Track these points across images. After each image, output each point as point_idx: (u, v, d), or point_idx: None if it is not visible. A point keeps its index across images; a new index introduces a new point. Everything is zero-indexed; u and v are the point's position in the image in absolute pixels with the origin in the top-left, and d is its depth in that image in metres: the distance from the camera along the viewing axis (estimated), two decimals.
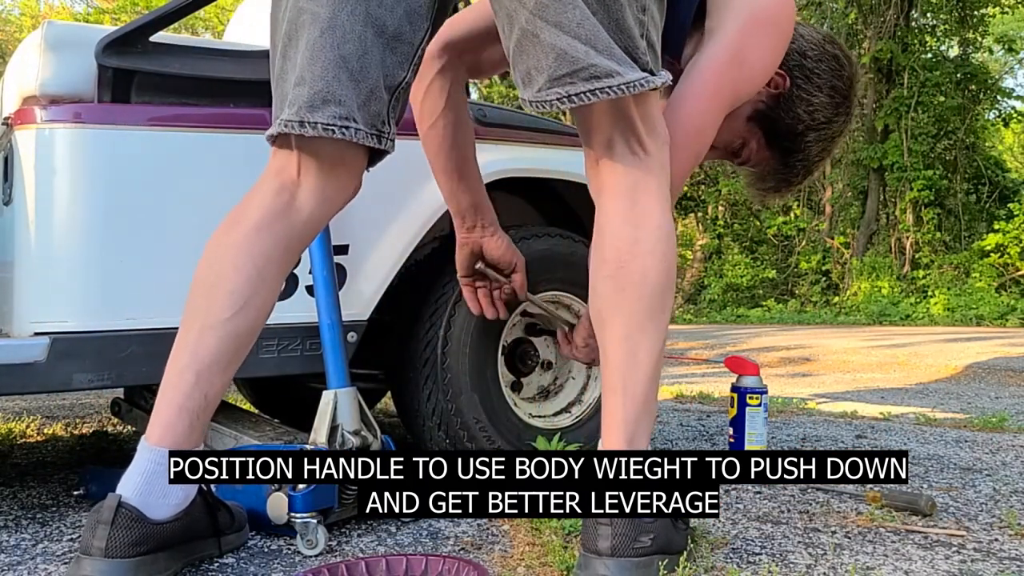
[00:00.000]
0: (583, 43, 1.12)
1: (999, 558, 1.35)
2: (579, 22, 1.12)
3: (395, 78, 1.22)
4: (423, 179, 1.74)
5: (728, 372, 2.07)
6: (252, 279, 1.22)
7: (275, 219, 1.23)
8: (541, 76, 1.15)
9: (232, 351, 1.23)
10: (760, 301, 13.43)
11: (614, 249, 1.21)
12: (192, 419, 1.21)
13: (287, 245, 1.25)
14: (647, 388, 1.21)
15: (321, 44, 1.17)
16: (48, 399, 3.41)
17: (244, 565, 1.29)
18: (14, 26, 16.28)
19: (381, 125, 1.23)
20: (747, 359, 2.06)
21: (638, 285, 1.20)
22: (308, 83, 1.17)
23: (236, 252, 1.22)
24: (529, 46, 1.16)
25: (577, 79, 1.13)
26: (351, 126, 1.19)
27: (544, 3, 1.12)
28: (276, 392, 2.60)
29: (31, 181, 1.46)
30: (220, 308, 1.21)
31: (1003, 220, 12.37)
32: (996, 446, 2.43)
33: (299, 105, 1.18)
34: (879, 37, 12.98)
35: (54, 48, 1.49)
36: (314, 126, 1.17)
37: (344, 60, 1.17)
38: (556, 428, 1.87)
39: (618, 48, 1.15)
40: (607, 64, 1.13)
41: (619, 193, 1.23)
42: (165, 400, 1.21)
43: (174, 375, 1.21)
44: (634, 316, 1.20)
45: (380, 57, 1.19)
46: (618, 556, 1.16)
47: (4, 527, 1.49)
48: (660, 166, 1.25)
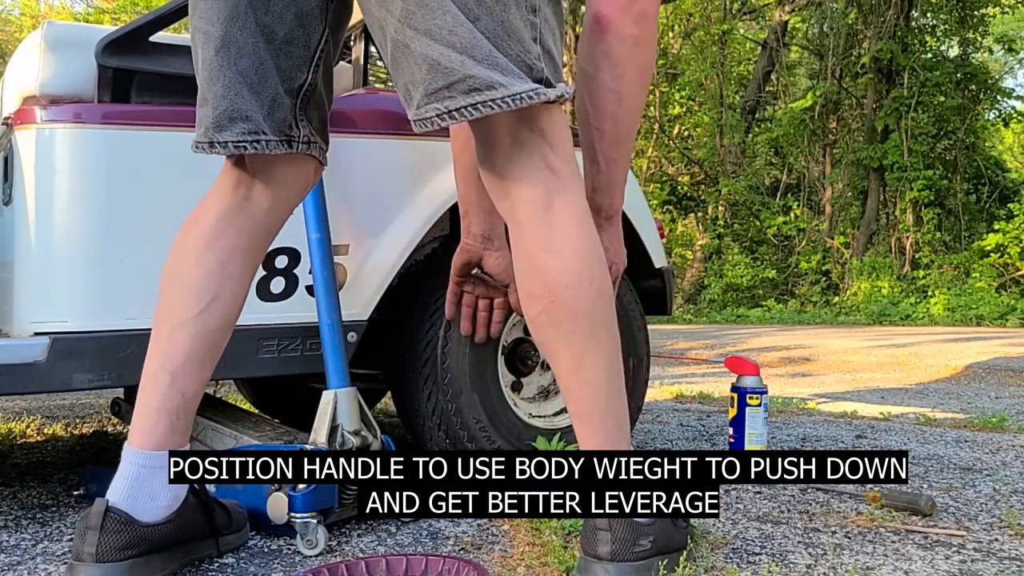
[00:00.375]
0: (458, 52, 1.04)
1: (999, 558, 1.35)
2: (451, 29, 1.03)
3: (294, 81, 1.21)
4: (423, 179, 1.74)
5: (728, 372, 2.07)
6: (216, 274, 1.21)
7: (235, 213, 1.24)
8: (417, 91, 1.08)
9: (205, 348, 1.22)
10: (760, 301, 13.42)
11: (542, 284, 1.15)
12: (172, 420, 1.21)
13: (250, 237, 1.25)
14: (611, 404, 1.20)
15: (218, 63, 1.17)
16: (48, 399, 3.41)
17: (244, 565, 1.29)
18: (14, 26, 16.29)
19: (289, 130, 1.22)
20: (747, 359, 2.06)
21: (575, 315, 1.15)
22: (211, 103, 1.18)
23: (198, 249, 1.22)
24: (402, 58, 1.08)
25: (456, 92, 1.04)
26: (261, 139, 1.19)
27: (410, 9, 1.04)
28: (276, 392, 2.60)
29: (31, 181, 1.46)
30: (186, 306, 1.21)
31: (1003, 220, 12.36)
32: (996, 446, 2.43)
33: (206, 126, 1.19)
34: (879, 37, 12.96)
35: (54, 48, 1.49)
36: (224, 145, 1.19)
37: (243, 75, 1.17)
38: (556, 428, 1.87)
39: (502, 56, 1.05)
40: (487, 75, 1.04)
41: (533, 217, 1.14)
42: (143, 403, 1.21)
43: (149, 377, 1.21)
44: (578, 345, 1.17)
45: (275, 64, 1.18)
46: (618, 560, 1.16)
47: (4, 527, 1.49)
48: (571, 176, 1.16)
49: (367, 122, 1.73)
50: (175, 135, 1.53)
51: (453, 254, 1.67)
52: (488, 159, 1.17)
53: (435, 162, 1.77)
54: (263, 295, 1.60)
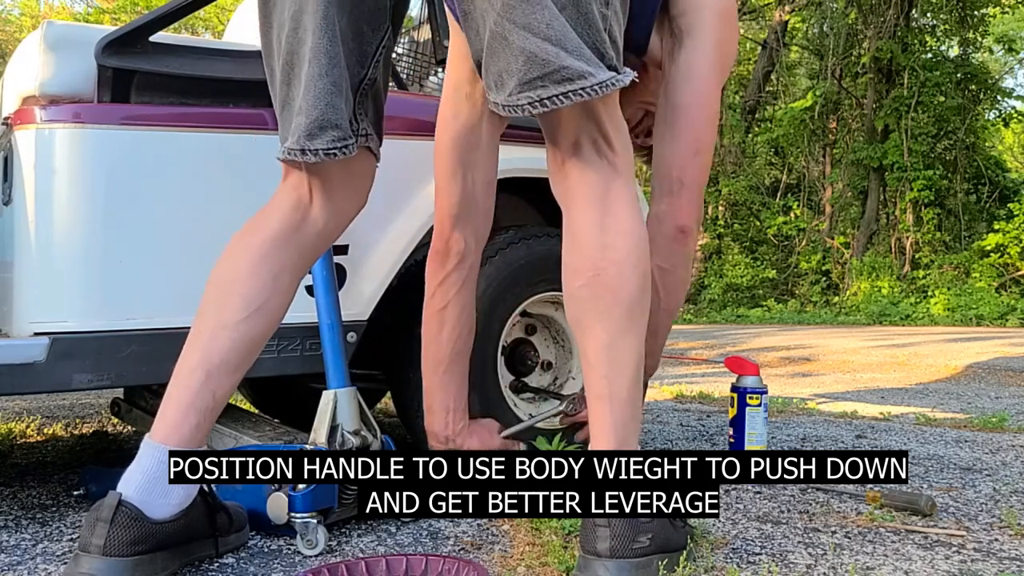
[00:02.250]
0: (553, 44, 1.10)
1: (999, 558, 1.35)
2: (548, 23, 1.10)
3: (357, 77, 1.25)
4: (423, 179, 1.74)
5: (728, 372, 2.07)
6: (267, 285, 1.25)
7: (292, 232, 1.28)
8: (511, 80, 1.14)
9: (243, 353, 1.24)
10: (760, 301, 13.42)
11: (588, 258, 1.21)
12: (199, 419, 1.21)
13: (300, 255, 1.30)
14: (632, 391, 1.22)
15: (310, 73, 1.20)
16: (48, 399, 3.41)
17: (244, 565, 1.29)
18: (14, 26, 16.28)
19: (356, 127, 1.26)
20: (747, 359, 2.06)
21: (616, 291, 1.20)
22: (305, 112, 1.21)
23: (253, 258, 1.25)
24: (499, 48, 1.14)
25: (548, 82, 1.11)
26: (349, 144, 1.23)
27: (511, 4, 1.10)
28: (276, 392, 2.60)
29: (31, 181, 1.46)
30: (234, 310, 1.23)
31: (1003, 220, 12.36)
32: (996, 446, 2.43)
33: (299, 134, 1.22)
34: (879, 37, 12.97)
35: (54, 48, 1.49)
36: (315, 152, 1.22)
37: (335, 85, 1.21)
38: (556, 428, 1.87)
39: (587, 48, 1.12)
40: (578, 66, 1.11)
41: (590, 199, 1.22)
42: (173, 399, 1.22)
43: (183, 374, 1.22)
44: (614, 323, 1.20)
45: (347, 65, 1.23)
46: (617, 557, 1.16)
47: (4, 527, 1.49)
48: (626, 164, 1.24)
49: None
50: (175, 135, 1.53)
51: None
52: (555, 144, 1.24)
53: None
54: None
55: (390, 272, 1.71)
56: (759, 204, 14.78)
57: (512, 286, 1.81)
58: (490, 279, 1.78)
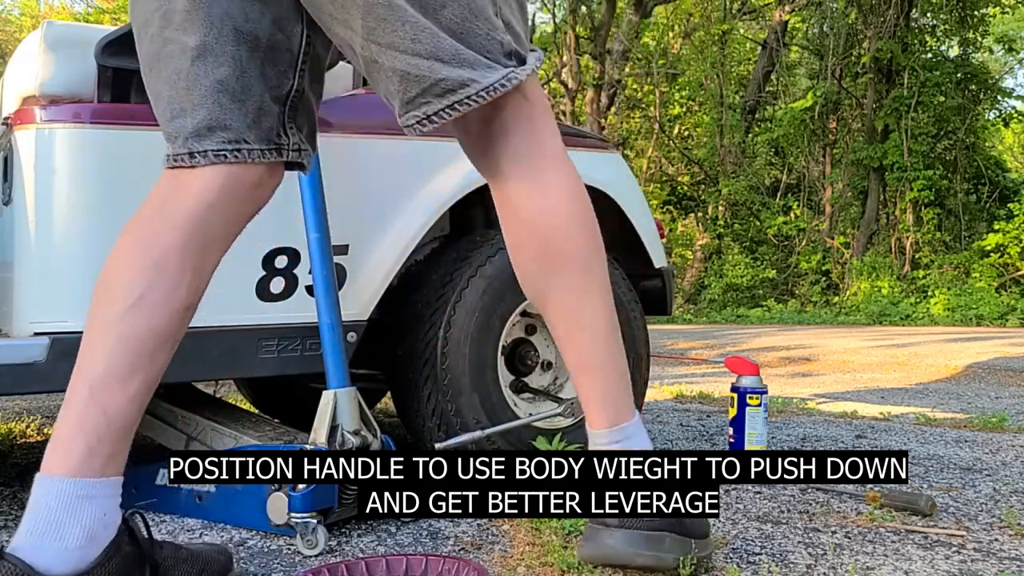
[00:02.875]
0: (424, 58, 1.04)
1: (999, 558, 1.35)
2: (413, 37, 1.03)
3: (281, 88, 1.15)
4: (423, 179, 1.74)
5: (728, 372, 2.07)
6: (146, 270, 1.08)
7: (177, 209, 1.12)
8: (395, 101, 1.09)
9: (130, 357, 1.05)
10: (760, 301, 13.41)
11: (527, 231, 1.15)
12: (90, 442, 1.02)
13: (193, 237, 1.12)
14: (612, 354, 1.19)
15: (194, 73, 1.10)
16: (48, 399, 3.40)
17: (244, 565, 1.29)
18: (14, 26, 16.29)
19: (278, 138, 1.15)
20: (747, 359, 2.06)
21: (565, 253, 1.15)
22: (190, 113, 1.11)
23: (131, 244, 1.11)
24: (374, 72, 1.09)
25: (430, 96, 1.05)
26: (243, 147, 1.12)
27: (371, 26, 1.04)
28: (276, 392, 2.60)
29: (31, 181, 1.46)
30: (111, 305, 1.07)
31: (1003, 220, 12.35)
32: (996, 446, 2.43)
33: (184, 136, 1.11)
34: (879, 37, 12.96)
35: (54, 48, 1.49)
36: (204, 155, 1.10)
37: (222, 84, 1.10)
38: (556, 428, 1.87)
39: (468, 50, 1.05)
40: (457, 75, 1.05)
41: (515, 167, 1.15)
42: (59, 421, 1.05)
43: (68, 392, 1.06)
44: (573, 286, 1.16)
45: (260, 72, 1.12)
46: (627, 528, 1.14)
47: (4, 527, 1.49)
48: (549, 125, 1.17)
49: (367, 122, 1.73)
50: None
51: (453, 254, 1.67)
52: (468, 141, 1.18)
53: (435, 162, 1.77)
54: (263, 295, 1.60)
55: (390, 272, 1.71)
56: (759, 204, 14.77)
57: (512, 286, 1.81)
58: (490, 279, 1.78)
